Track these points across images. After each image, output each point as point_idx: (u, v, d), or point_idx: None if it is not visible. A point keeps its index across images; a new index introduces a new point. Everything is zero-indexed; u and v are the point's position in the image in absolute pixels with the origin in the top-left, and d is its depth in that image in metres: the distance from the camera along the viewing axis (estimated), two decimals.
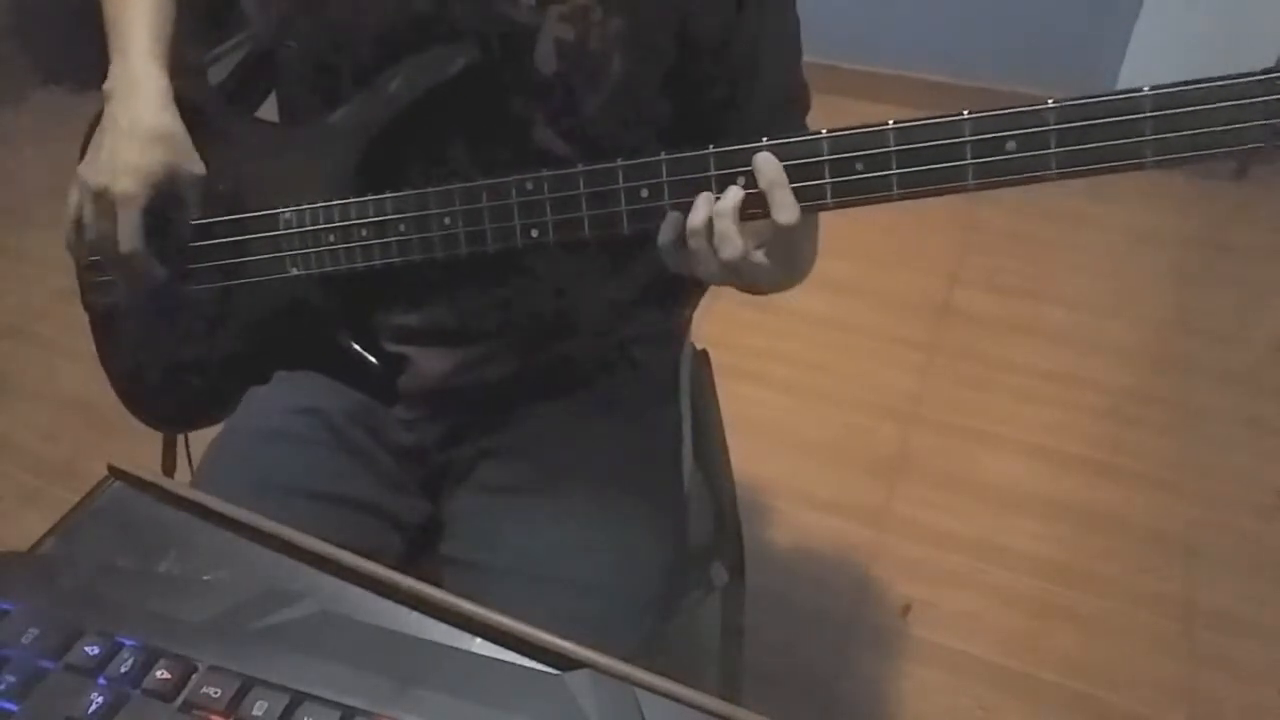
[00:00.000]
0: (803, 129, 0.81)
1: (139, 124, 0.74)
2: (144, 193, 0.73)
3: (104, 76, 0.77)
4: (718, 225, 0.61)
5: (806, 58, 0.79)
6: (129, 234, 0.74)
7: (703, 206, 0.62)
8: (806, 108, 0.81)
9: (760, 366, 1.81)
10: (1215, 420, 1.71)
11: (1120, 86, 0.53)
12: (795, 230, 0.61)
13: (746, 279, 0.65)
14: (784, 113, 0.79)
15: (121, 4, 0.79)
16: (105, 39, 0.79)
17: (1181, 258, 2.11)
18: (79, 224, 0.77)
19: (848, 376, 1.81)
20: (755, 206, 0.61)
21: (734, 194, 0.61)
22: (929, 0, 2.47)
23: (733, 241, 0.61)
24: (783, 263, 0.64)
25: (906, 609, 1.41)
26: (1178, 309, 1.96)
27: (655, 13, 0.70)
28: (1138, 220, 2.18)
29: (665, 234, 0.64)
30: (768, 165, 0.60)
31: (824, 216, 0.65)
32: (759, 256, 0.63)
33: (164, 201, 0.76)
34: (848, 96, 2.46)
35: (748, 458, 1.14)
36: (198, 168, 0.77)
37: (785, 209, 0.60)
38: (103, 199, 0.73)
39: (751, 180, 0.61)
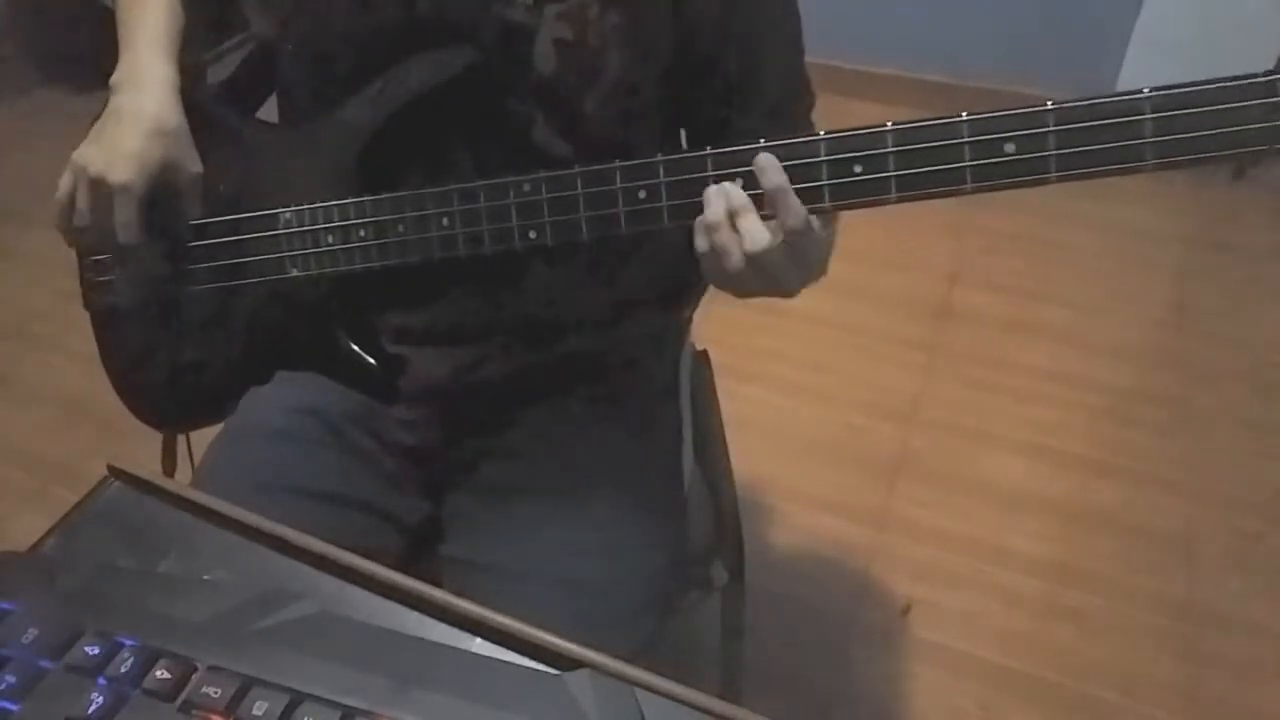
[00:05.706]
0: (807, 126, 0.82)
1: (142, 115, 0.74)
2: (141, 183, 0.73)
3: (110, 73, 0.77)
4: (741, 222, 0.60)
5: (806, 58, 0.79)
6: (126, 225, 0.73)
7: (718, 200, 0.60)
8: (810, 105, 0.81)
9: (760, 366, 1.81)
10: (1215, 420, 1.71)
11: (1120, 86, 0.53)
12: (807, 232, 0.60)
13: (771, 278, 0.63)
14: (788, 111, 0.79)
15: (134, 2, 0.79)
16: (116, 37, 0.79)
17: (1180, 258, 2.11)
18: (68, 208, 0.75)
19: (848, 377, 1.81)
20: (760, 207, 0.61)
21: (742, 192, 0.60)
22: (929, 0, 2.47)
23: (758, 233, 0.60)
24: (798, 259, 0.62)
25: (906, 609, 1.41)
26: (1177, 309, 1.96)
27: (652, 8, 0.70)
28: (1137, 220, 2.18)
29: (700, 243, 0.63)
30: (771, 169, 0.59)
31: None
32: (780, 252, 0.61)
33: (161, 197, 0.75)
34: (848, 96, 2.46)
35: (748, 458, 1.14)
36: (196, 166, 0.77)
37: (791, 214, 0.59)
38: (99, 187, 0.73)
39: (751, 181, 0.60)
